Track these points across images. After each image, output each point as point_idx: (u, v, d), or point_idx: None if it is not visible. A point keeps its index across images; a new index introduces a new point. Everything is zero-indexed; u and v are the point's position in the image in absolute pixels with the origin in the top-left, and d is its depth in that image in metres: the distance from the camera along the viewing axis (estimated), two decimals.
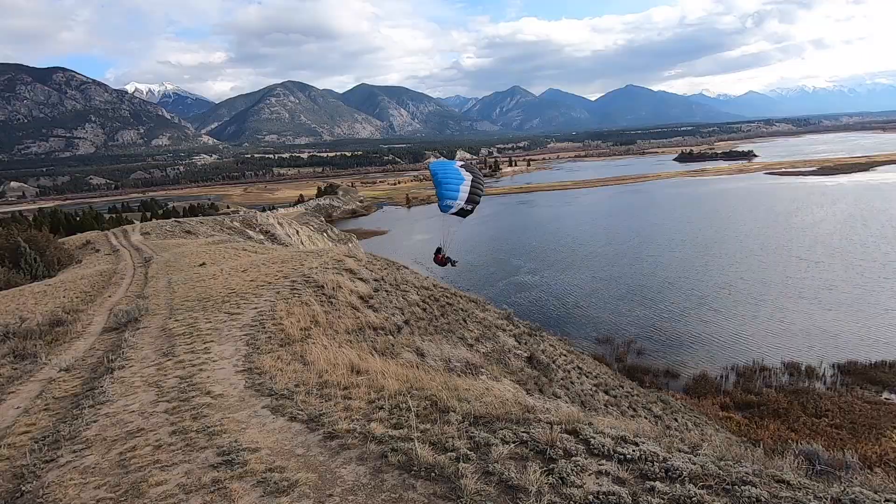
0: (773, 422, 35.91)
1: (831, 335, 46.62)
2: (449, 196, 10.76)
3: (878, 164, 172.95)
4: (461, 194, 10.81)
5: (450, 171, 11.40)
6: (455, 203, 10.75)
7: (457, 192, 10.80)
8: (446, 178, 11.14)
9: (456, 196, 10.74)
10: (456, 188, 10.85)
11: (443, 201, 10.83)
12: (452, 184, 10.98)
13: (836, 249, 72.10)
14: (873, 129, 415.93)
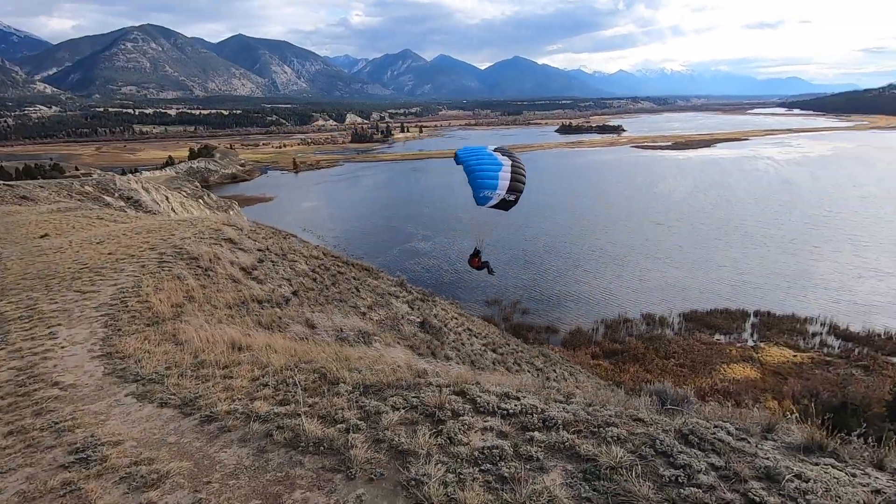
0: (633, 365, 41.33)
1: (679, 289, 54.24)
2: (487, 185, 8.99)
3: (718, 142, 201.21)
4: (501, 182, 9.09)
5: (483, 156, 9.76)
6: (495, 193, 8.99)
7: (495, 181, 9.08)
8: (480, 164, 9.49)
9: (495, 185, 9.02)
10: (494, 175, 9.15)
11: (479, 192, 9.06)
12: (489, 170, 9.27)
13: (684, 215, 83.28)
14: (715, 111, 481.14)
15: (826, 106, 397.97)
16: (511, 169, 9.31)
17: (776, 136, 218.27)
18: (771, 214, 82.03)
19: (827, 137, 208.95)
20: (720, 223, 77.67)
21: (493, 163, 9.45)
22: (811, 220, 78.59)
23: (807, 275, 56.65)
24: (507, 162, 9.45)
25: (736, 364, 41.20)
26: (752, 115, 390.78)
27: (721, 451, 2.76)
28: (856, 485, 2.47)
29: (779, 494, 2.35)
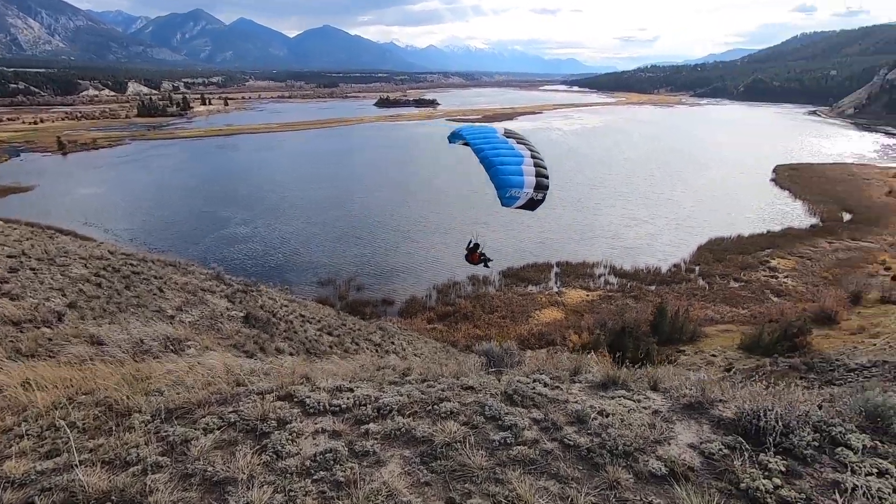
0: (465, 324, 44.77)
1: (496, 250, 59.72)
2: (513, 183, 7.88)
3: (519, 115, 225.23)
4: (527, 178, 8.00)
5: (498, 143, 8.56)
6: (522, 192, 7.93)
7: (521, 177, 7.97)
8: (498, 154, 8.22)
9: (521, 182, 7.92)
10: (518, 170, 8.02)
11: (505, 192, 7.95)
12: (510, 163, 8.12)
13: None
14: (514, 87, 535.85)
15: (596, 84, 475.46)
16: (533, 162, 8.38)
17: (562, 111, 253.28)
18: (563, 179, 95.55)
19: (598, 111, 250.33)
20: None
21: (513, 154, 8.45)
22: (592, 181, 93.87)
23: (592, 228, 67.88)
24: (527, 153, 8.50)
25: (546, 309, 47.69)
26: (543, 92, 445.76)
27: (540, 405, 3.02)
28: (640, 409, 2.93)
29: (587, 434, 2.65)
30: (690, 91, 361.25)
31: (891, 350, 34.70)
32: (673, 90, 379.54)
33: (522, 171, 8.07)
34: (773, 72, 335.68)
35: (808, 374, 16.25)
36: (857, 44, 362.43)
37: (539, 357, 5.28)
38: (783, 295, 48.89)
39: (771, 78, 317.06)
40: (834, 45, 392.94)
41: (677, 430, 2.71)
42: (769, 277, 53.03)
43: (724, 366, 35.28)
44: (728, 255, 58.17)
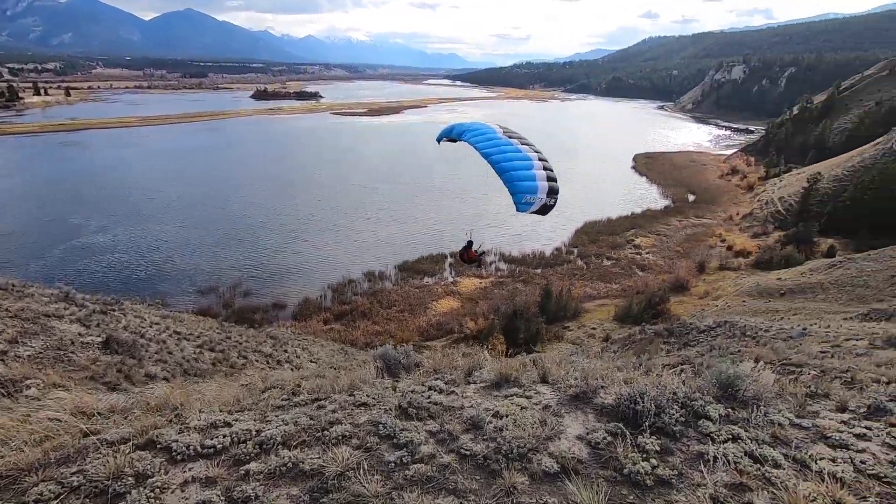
0: (363, 321, 44.03)
1: (390, 244, 59.72)
2: (527, 189, 7.67)
3: (405, 108, 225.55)
4: (539, 184, 7.75)
5: (503, 145, 8.22)
6: (536, 198, 7.74)
7: (534, 182, 7.73)
8: (506, 158, 7.94)
9: (535, 187, 7.70)
10: (530, 175, 7.76)
11: (520, 198, 7.72)
12: (521, 168, 7.88)
13: (384, 177, 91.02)
14: (398, 80, 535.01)
15: (478, 79, 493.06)
16: (542, 165, 8.17)
17: (447, 104, 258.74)
18: (449, 170, 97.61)
19: (480, 105, 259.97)
20: (413, 182, 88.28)
21: (521, 157, 8.20)
22: (477, 172, 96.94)
23: (480, 216, 70.47)
24: (534, 155, 8.29)
25: (443, 299, 48.70)
26: (427, 86, 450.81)
27: (436, 415, 2.95)
28: (532, 406, 3.00)
29: (483, 440, 2.64)
30: (561, 87, 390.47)
31: (728, 309, 41.03)
32: (546, 86, 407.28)
33: (535, 177, 8.07)
34: (628, 71, 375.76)
35: (669, 338, 18.55)
36: (691, 48, 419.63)
37: (435, 357, 5.24)
38: (646, 269, 55.27)
39: (627, 76, 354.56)
40: (674, 48, 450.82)
41: (566, 422, 2.82)
42: (634, 254, 59.59)
43: (602, 337, 39.04)
44: (600, 236, 64.23)
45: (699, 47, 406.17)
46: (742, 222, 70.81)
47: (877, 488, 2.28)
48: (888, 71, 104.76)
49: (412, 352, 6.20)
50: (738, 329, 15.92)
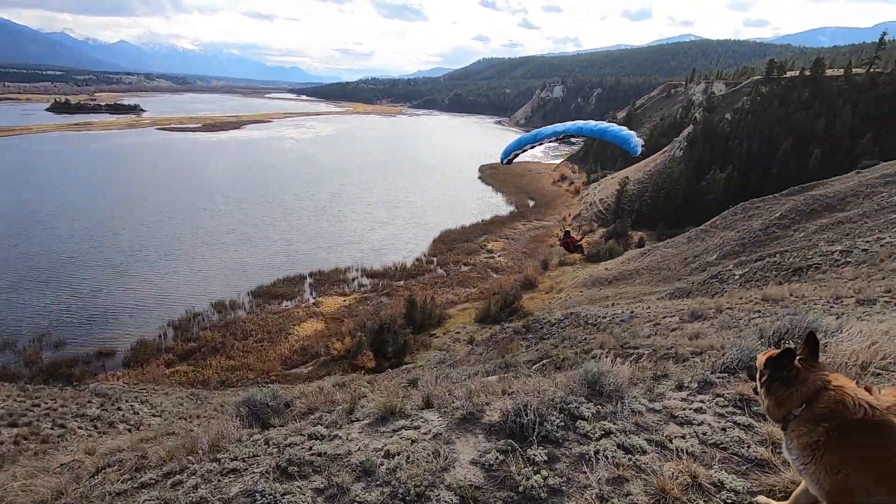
0: (215, 357, 39.67)
1: (241, 269, 54.94)
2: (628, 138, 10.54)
3: (246, 123, 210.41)
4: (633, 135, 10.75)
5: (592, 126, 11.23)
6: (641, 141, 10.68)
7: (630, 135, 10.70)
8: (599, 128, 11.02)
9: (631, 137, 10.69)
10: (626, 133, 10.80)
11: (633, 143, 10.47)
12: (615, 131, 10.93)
13: (229, 197, 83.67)
14: (236, 93, 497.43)
15: (324, 94, 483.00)
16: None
17: (293, 119, 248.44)
18: (303, 188, 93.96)
19: (329, 120, 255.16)
20: (263, 201, 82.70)
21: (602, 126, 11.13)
22: (332, 188, 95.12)
23: (339, 234, 68.87)
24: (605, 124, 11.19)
25: (305, 322, 46.26)
26: (269, 99, 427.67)
27: (321, 468, 2.68)
28: (422, 437, 2.91)
29: (376, 486, 2.47)
30: (408, 102, 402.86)
31: (570, 300, 46.19)
32: (393, 101, 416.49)
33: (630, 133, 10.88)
34: (468, 88, 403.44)
35: (526, 334, 20.15)
36: (519, 69, 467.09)
37: (309, 393, 4.84)
38: (500, 271, 59.49)
39: (467, 93, 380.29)
40: (505, 68, 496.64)
41: (458, 448, 2.78)
42: (488, 258, 63.76)
43: (467, 339, 40.83)
44: (457, 243, 67.41)
45: (525, 69, 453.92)
46: (573, 222, 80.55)
47: (718, 455, 2.68)
48: (666, 93, 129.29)
49: (280, 391, 5.67)
50: (581, 319, 18.01)
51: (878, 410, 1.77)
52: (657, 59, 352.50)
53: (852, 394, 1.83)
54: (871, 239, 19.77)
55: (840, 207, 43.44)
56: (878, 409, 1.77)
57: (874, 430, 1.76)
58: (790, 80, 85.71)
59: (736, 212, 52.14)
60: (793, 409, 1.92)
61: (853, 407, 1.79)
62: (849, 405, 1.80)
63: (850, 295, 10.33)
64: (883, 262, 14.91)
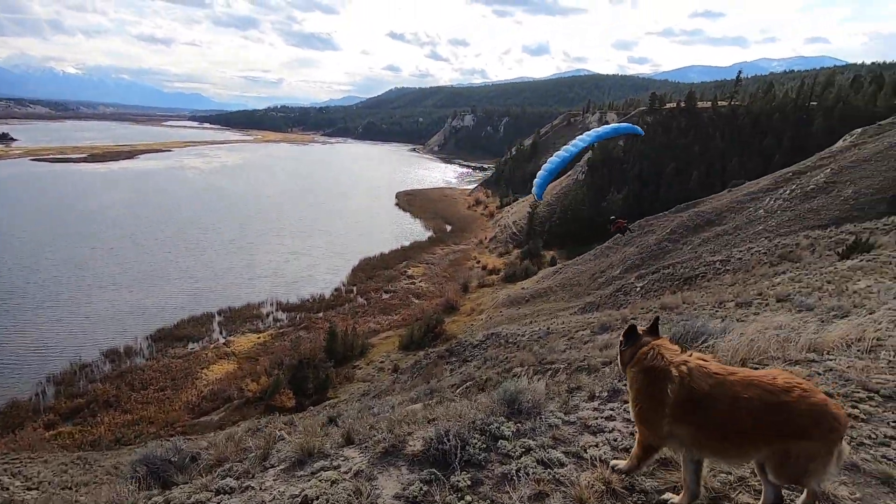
0: (107, 413, 35.36)
1: (138, 312, 49.91)
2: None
3: (141, 153, 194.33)
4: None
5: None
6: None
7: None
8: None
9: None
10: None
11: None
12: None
13: (124, 233, 76.23)
14: (129, 121, 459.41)
15: (230, 121, 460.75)
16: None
17: (196, 148, 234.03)
18: (209, 220, 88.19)
19: (236, 149, 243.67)
20: (164, 236, 76.35)
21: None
22: (242, 220, 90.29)
23: (250, 268, 65.19)
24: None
25: (215, 364, 42.84)
26: (168, 127, 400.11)
27: None
28: (343, 477, 2.78)
29: None
30: (321, 130, 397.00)
31: (490, 321, 47.27)
32: (305, 129, 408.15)
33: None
34: (381, 116, 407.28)
35: (450, 358, 20.23)
36: (430, 98, 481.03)
37: (217, 442, 4.45)
38: (421, 296, 59.54)
39: (380, 121, 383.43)
40: (417, 98, 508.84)
41: (381, 483, 2.69)
42: (409, 284, 63.64)
43: (391, 368, 40.12)
44: (376, 271, 66.63)
45: (436, 98, 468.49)
46: (490, 244, 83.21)
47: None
48: (567, 122, 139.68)
49: (183, 444, 5.15)
50: (502, 339, 18.48)
51: (666, 360, 2.44)
52: (557, 91, 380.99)
53: (658, 350, 2.52)
54: (744, 248, 22.51)
55: (718, 221, 49.13)
56: (667, 360, 2.45)
57: (661, 375, 2.42)
58: (670, 110, 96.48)
59: (633, 229, 57.01)
60: (628, 362, 2.63)
61: (650, 357, 2.50)
62: (649, 356, 2.51)
63: (731, 299, 11.62)
64: (754, 268, 16.99)
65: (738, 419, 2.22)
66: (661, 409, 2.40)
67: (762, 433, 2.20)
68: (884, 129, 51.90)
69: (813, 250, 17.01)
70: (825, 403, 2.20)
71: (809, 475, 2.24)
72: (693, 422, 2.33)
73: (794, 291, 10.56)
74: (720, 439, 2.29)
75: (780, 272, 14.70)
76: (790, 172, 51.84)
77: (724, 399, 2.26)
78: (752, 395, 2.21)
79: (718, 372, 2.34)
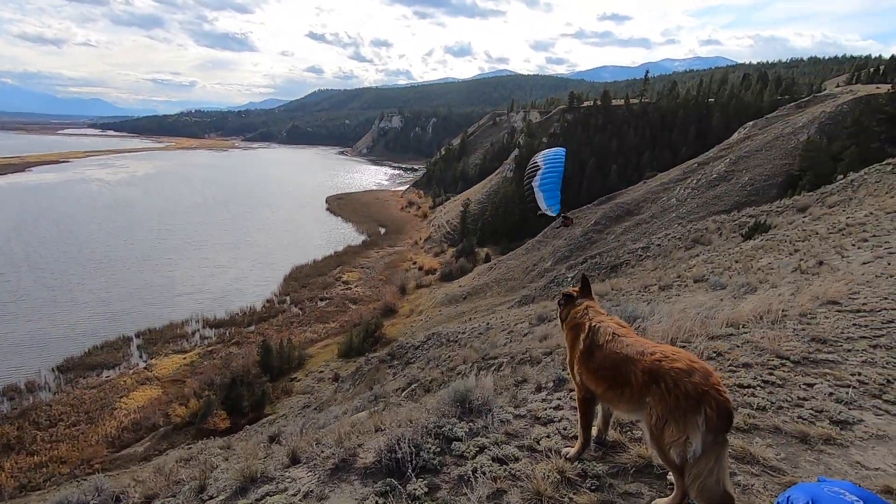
0: (9, 457, 31.60)
1: (40, 343, 44.96)
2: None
3: (33, 165, 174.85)
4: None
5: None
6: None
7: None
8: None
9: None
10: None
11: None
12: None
13: (11, 257, 67.97)
14: (16, 129, 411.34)
15: (137, 128, 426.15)
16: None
17: (99, 157, 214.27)
18: (118, 237, 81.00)
19: (147, 157, 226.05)
20: (66, 257, 69.09)
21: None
22: (156, 234, 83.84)
23: (170, 284, 60.71)
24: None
25: (135, 391, 39.60)
26: (64, 136, 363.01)
27: None
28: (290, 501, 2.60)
29: None
30: (241, 135, 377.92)
31: (430, 320, 47.39)
32: (224, 135, 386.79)
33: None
34: (305, 119, 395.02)
35: (392, 362, 19.99)
36: (356, 100, 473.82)
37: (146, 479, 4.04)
38: (358, 301, 58.46)
39: (305, 124, 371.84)
40: (343, 100, 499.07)
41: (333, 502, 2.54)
42: (345, 290, 62.28)
43: (331, 377, 39.07)
44: (310, 279, 64.56)
45: (362, 100, 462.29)
46: (425, 245, 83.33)
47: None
48: (493, 121, 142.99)
49: (105, 483, 4.65)
50: (443, 338, 18.53)
51: (588, 317, 2.81)
52: (481, 91, 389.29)
53: (587, 310, 2.88)
54: (661, 235, 24.16)
55: (637, 211, 52.46)
56: (589, 317, 2.81)
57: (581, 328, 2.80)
58: (587, 108, 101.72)
59: (574, 220, 59.66)
60: (565, 319, 3.01)
61: (580, 315, 2.88)
62: (580, 314, 2.89)
63: (654, 283, 12.41)
64: (672, 253, 18.27)
65: (604, 367, 2.59)
66: (574, 355, 2.83)
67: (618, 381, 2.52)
68: (770, 121, 58.04)
69: (720, 233, 18.60)
70: (668, 367, 2.32)
71: (669, 442, 2.26)
72: (587, 367, 2.70)
73: (708, 272, 11.46)
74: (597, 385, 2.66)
75: (694, 255, 15.92)
76: (695, 163, 56.54)
77: (606, 352, 2.61)
78: (620, 351, 2.56)
79: (618, 333, 2.67)
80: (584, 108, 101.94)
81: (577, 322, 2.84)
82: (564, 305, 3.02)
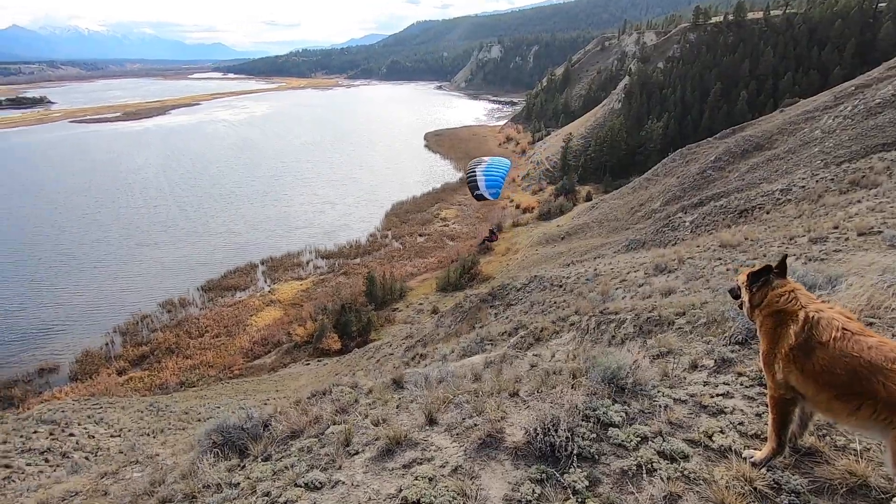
0: (171, 359, 37.88)
1: (187, 265, 52.07)
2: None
3: (172, 108, 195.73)
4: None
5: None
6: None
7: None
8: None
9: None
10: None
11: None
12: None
13: (161, 190, 78.26)
14: (156, 76, 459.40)
15: (253, 70, 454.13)
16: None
17: (223, 99, 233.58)
18: (243, 173, 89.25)
19: (262, 98, 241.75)
20: (201, 191, 77.98)
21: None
22: (274, 171, 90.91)
23: (286, 219, 66.24)
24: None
25: (262, 311, 44.81)
26: (194, 80, 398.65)
27: None
28: (440, 472, 2.54)
29: None
30: (344, 73, 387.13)
31: (526, 260, 46.91)
32: (328, 73, 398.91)
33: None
34: (405, 54, 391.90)
35: (493, 302, 20.13)
36: (454, 31, 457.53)
37: (290, 414, 4.35)
38: (455, 238, 59.42)
39: (404, 59, 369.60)
40: (440, 31, 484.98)
41: (485, 483, 2.43)
42: (443, 227, 63.46)
43: (430, 310, 40.84)
44: (410, 215, 66.57)
45: (461, 30, 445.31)
46: (523, 182, 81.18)
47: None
48: (601, 47, 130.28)
49: (254, 411, 5.14)
50: (546, 281, 18.10)
51: (800, 304, 2.28)
52: (590, 12, 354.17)
53: (794, 294, 2.34)
54: (807, 175, 20.81)
55: (768, 146, 45.72)
56: (801, 304, 2.28)
57: (789, 317, 2.27)
58: (715, 25, 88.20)
59: (675, 158, 53.92)
60: (758, 304, 2.45)
61: (784, 300, 2.33)
62: (783, 299, 2.35)
63: (802, 234, 10.71)
64: (821, 197, 15.67)
65: (832, 372, 2.05)
66: (777, 349, 2.28)
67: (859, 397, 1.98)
68: None
69: (890, 174, 15.42)
70: None
71: None
72: (802, 368, 2.16)
73: (879, 223, 9.56)
74: (817, 392, 2.12)
75: (853, 201, 13.44)
76: (852, 86, 47.01)
77: (835, 353, 2.05)
78: (859, 355, 1.99)
79: (850, 328, 2.09)
80: (712, 26, 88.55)
81: (781, 309, 2.32)
82: (758, 286, 2.46)
